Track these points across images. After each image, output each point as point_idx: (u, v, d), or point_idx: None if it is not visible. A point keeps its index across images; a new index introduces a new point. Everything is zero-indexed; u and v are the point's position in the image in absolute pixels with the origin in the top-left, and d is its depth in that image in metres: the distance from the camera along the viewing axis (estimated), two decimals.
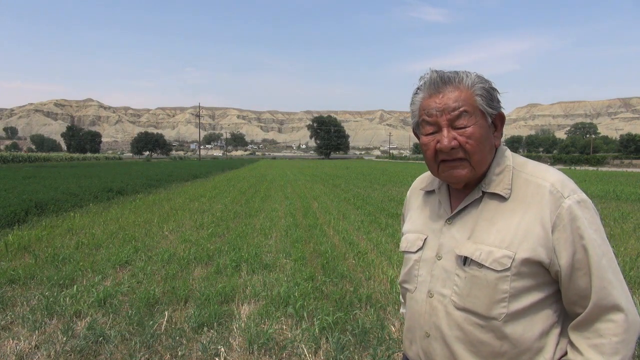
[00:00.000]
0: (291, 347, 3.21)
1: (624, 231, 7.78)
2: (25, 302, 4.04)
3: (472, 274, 1.05)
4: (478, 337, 1.04)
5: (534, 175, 1.06)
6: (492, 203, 1.08)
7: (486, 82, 1.08)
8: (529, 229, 1.01)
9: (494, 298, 1.02)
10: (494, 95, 1.08)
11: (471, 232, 1.09)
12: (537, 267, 1.02)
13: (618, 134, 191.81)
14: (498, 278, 1.02)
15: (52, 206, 9.86)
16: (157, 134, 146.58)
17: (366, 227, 8.16)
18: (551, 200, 1.01)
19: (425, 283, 1.15)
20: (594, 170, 43.64)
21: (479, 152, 1.05)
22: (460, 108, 1.04)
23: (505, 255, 1.01)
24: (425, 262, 1.16)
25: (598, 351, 0.96)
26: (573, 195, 1.01)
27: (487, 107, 1.06)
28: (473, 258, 1.05)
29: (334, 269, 5.14)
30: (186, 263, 5.42)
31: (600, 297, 0.98)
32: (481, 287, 1.04)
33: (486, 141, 1.07)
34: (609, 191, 15.52)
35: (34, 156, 65.50)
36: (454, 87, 1.05)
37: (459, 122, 1.04)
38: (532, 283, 1.02)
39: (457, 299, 1.07)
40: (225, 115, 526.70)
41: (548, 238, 1.00)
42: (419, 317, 1.15)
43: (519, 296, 1.02)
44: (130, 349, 3.12)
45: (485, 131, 1.06)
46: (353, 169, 38.16)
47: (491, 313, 1.03)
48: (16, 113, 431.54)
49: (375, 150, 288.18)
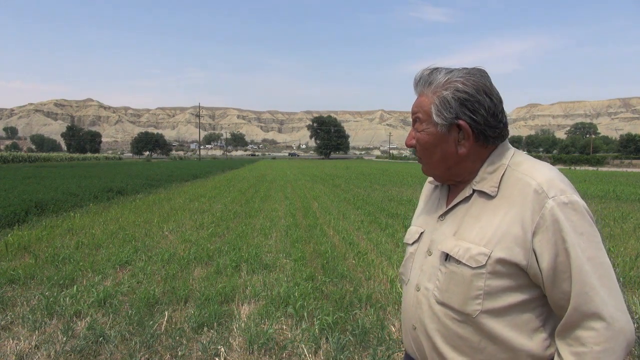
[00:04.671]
0: (291, 347, 3.21)
1: (624, 231, 7.78)
2: (25, 302, 4.04)
3: (451, 269, 1.07)
4: (456, 331, 1.06)
5: (524, 174, 1.04)
6: (479, 200, 1.09)
7: (454, 89, 1.05)
8: (509, 228, 1.00)
9: (469, 294, 1.03)
10: (450, 104, 1.05)
11: (457, 229, 1.10)
12: (514, 268, 1.00)
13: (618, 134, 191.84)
14: (473, 275, 1.02)
15: (52, 206, 9.86)
16: (157, 134, 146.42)
17: (366, 227, 8.16)
18: (535, 200, 0.99)
19: (415, 276, 1.18)
20: (593, 170, 43.64)
21: (424, 156, 1.14)
22: (415, 113, 1.12)
23: (481, 253, 1.02)
24: (418, 256, 1.20)
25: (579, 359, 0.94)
26: (560, 196, 0.97)
27: (435, 116, 1.07)
28: (451, 254, 1.07)
29: (334, 269, 5.14)
30: (186, 263, 5.42)
31: (579, 303, 0.94)
32: (458, 283, 1.05)
33: (434, 148, 1.10)
34: (609, 191, 15.52)
35: (34, 156, 65.51)
36: (421, 92, 1.12)
37: (415, 125, 1.14)
38: (510, 284, 1.01)
39: (437, 293, 1.10)
40: (225, 115, 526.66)
41: (527, 239, 0.98)
42: (408, 310, 1.19)
43: (496, 295, 1.01)
44: (130, 349, 3.12)
45: (434, 139, 1.09)
46: (353, 169, 38.16)
47: (465, 309, 1.04)
48: (16, 113, 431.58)
49: (375, 150, 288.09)
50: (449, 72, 1.08)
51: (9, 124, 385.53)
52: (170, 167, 37.14)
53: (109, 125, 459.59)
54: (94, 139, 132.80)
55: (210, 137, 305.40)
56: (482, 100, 1.05)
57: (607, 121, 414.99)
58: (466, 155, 1.09)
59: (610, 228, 8.06)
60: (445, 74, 1.08)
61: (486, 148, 1.10)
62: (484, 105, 1.05)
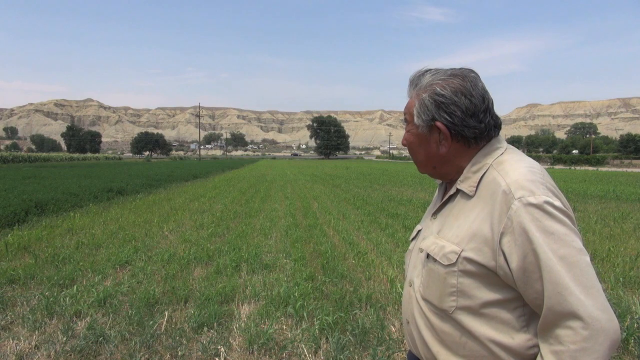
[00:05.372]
0: (291, 347, 3.21)
1: (624, 231, 7.78)
2: (25, 302, 4.04)
3: (430, 267, 1.12)
4: (439, 326, 1.10)
5: (499, 173, 1.04)
6: (461, 200, 1.12)
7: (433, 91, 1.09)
8: (479, 228, 1.02)
9: (444, 291, 1.07)
10: (427, 107, 1.10)
11: (441, 227, 1.14)
12: (482, 268, 1.01)
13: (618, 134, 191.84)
14: (446, 273, 1.06)
15: (52, 206, 9.86)
16: (157, 134, 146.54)
17: (366, 227, 8.16)
18: (503, 201, 0.98)
19: (409, 272, 1.25)
20: (593, 170, 43.64)
21: (412, 155, 1.20)
22: (405, 115, 1.19)
23: (452, 251, 1.05)
24: (414, 253, 1.25)
25: (557, 357, 0.93)
26: (526, 197, 0.96)
27: (416, 117, 1.13)
28: (429, 252, 1.12)
29: (334, 269, 5.14)
30: (186, 263, 5.42)
31: (553, 303, 0.93)
32: (434, 280, 1.10)
33: (418, 148, 1.16)
34: (609, 191, 15.52)
35: (34, 156, 65.56)
36: (410, 93, 1.17)
37: (405, 126, 1.20)
38: (481, 282, 1.02)
39: (422, 289, 1.15)
40: (225, 115, 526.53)
41: (494, 240, 0.99)
42: (403, 304, 1.26)
43: (469, 292, 1.03)
44: (130, 349, 3.12)
45: (417, 139, 1.15)
46: (353, 169, 38.17)
47: (442, 305, 1.08)
48: (16, 113, 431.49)
49: (375, 150, 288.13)
50: (434, 74, 1.12)
51: (9, 124, 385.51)
52: (170, 167, 37.14)
53: (109, 125, 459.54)
54: (94, 139, 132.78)
55: (210, 137, 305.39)
56: (459, 101, 1.07)
57: (607, 121, 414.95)
58: (448, 155, 1.13)
59: (610, 228, 8.06)
60: (431, 76, 1.12)
61: (470, 148, 1.11)
62: (461, 107, 1.07)
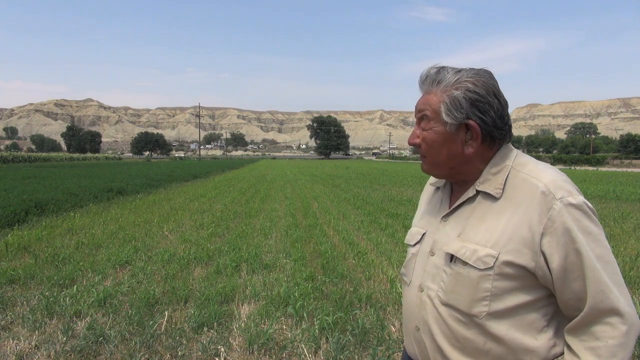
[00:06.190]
0: (291, 347, 3.21)
1: (624, 231, 7.78)
2: (25, 302, 4.04)
3: (457, 271, 1.07)
4: (461, 333, 1.06)
5: (529, 175, 1.05)
6: (484, 202, 1.09)
7: (465, 89, 1.05)
8: (516, 230, 1.00)
9: (475, 296, 1.03)
10: (461, 104, 1.05)
11: (462, 230, 1.10)
12: (521, 270, 1.00)
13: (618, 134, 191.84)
14: (480, 276, 1.02)
15: (52, 206, 9.85)
16: (157, 134, 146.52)
17: (366, 227, 8.16)
18: (543, 202, 0.99)
19: (418, 277, 1.18)
20: (593, 170, 43.64)
21: (430, 155, 1.12)
22: (423, 111, 1.11)
23: (488, 254, 1.02)
24: (421, 257, 1.20)
25: (595, 354, 0.95)
26: (567, 197, 0.98)
27: (445, 115, 1.07)
28: (458, 255, 1.07)
29: (334, 269, 5.14)
30: (186, 263, 5.42)
31: (596, 301, 0.95)
32: (464, 285, 1.05)
33: (440, 147, 1.09)
34: (609, 191, 15.52)
35: (34, 156, 65.55)
36: (428, 90, 1.11)
37: (421, 123, 1.12)
38: (517, 284, 1.01)
39: (442, 294, 1.09)
40: (225, 115, 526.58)
41: (535, 241, 0.98)
42: (411, 310, 1.19)
43: (502, 296, 1.01)
44: (130, 349, 3.12)
45: (441, 138, 1.09)
46: (353, 169, 38.15)
47: (472, 310, 1.04)
48: (16, 113, 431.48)
49: (375, 150, 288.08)
50: (457, 72, 1.08)
51: (9, 124, 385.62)
52: (170, 167, 37.13)
53: (109, 125, 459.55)
54: (94, 139, 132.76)
55: (210, 137, 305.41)
56: (492, 101, 1.06)
57: (607, 121, 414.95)
58: (472, 156, 1.10)
59: (610, 228, 8.06)
60: (455, 74, 1.08)
61: (491, 149, 1.11)
62: (493, 107, 1.06)
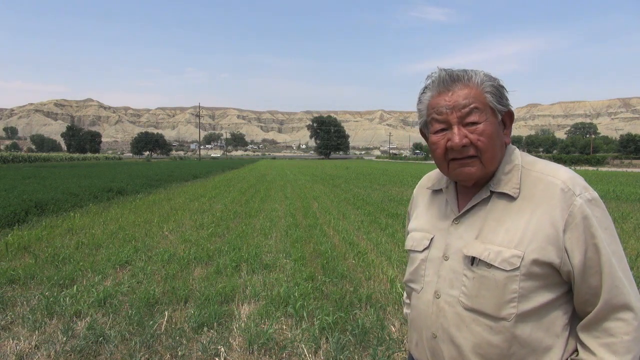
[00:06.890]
0: (291, 347, 3.21)
1: (624, 231, 7.78)
2: (25, 302, 4.04)
3: (481, 274, 1.04)
4: (487, 338, 1.03)
5: (544, 173, 1.05)
6: (500, 202, 1.07)
7: (494, 79, 1.08)
8: (539, 228, 1.00)
9: (503, 298, 1.01)
10: (503, 93, 1.08)
11: (479, 232, 1.07)
12: (547, 268, 1.00)
13: (618, 134, 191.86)
14: (507, 278, 1.00)
15: (52, 206, 9.86)
16: (157, 134, 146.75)
17: (366, 227, 8.16)
18: (563, 199, 1.00)
19: (432, 283, 1.13)
20: (593, 170, 43.61)
21: (490, 149, 1.05)
22: (470, 105, 1.03)
23: (514, 255, 1.00)
24: (432, 262, 1.15)
25: (610, 350, 0.96)
26: (585, 193, 1.00)
27: (497, 104, 1.06)
28: (482, 258, 1.04)
29: (334, 269, 5.14)
30: (186, 263, 5.42)
31: (611, 296, 0.97)
32: (490, 287, 1.02)
33: (497, 138, 1.06)
34: (609, 191, 15.52)
35: (34, 156, 65.59)
36: (463, 85, 1.05)
37: (469, 118, 1.04)
38: (542, 283, 1.01)
39: (465, 299, 1.06)
40: (225, 115, 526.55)
41: (559, 237, 0.98)
42: (426, 318, 1.14)
43: (529, 296, 1.00)
44: (130, 349, 3.12)
45: (496, 128, 1.06)
46: (353, 169, 38.15)
47: (500, 313, 1.01)
48: (16, 113, 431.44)
49: (375, 150, 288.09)
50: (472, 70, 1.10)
51: (9, 124, 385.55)
52: (170, 167, 37.13)
53: (109, 125, 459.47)
54: (94, 139, 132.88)
55: (210, 137, 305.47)
56: None
57: (607, 121, 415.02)
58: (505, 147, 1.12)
59: None
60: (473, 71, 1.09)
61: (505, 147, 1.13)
62: None
